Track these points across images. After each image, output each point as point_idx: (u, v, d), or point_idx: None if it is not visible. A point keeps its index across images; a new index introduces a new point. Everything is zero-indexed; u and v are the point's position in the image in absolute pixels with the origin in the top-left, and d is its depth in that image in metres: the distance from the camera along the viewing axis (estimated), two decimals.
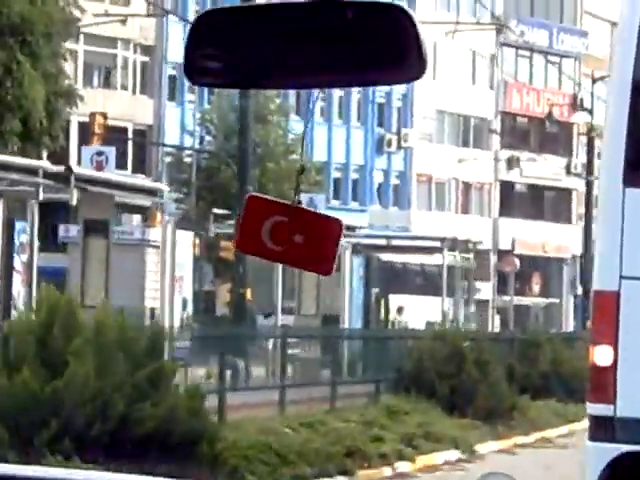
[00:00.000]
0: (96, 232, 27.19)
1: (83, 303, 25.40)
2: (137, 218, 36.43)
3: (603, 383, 8.11)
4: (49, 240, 35.80)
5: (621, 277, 8.07)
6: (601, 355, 8.17)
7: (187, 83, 45.67)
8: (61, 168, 25.78)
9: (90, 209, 26.62)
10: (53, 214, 32.94)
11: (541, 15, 62.07)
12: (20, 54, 33.52)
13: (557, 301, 56.49)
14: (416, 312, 46.29)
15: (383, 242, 46.57)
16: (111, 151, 32.39)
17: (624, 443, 7.24)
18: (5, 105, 33.57)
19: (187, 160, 47.18)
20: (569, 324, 49.91)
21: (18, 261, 28.07)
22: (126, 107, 44.94)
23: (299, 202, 2.47)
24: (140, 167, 48.36)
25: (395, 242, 47.69)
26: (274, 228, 2.26)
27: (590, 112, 52.07)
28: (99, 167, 31.30)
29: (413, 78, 1.89)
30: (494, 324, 51.56)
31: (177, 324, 30.85)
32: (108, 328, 22.21)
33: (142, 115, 47.01)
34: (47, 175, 25.00)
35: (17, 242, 27.92)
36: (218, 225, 40.32)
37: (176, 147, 47.89)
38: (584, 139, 54.03)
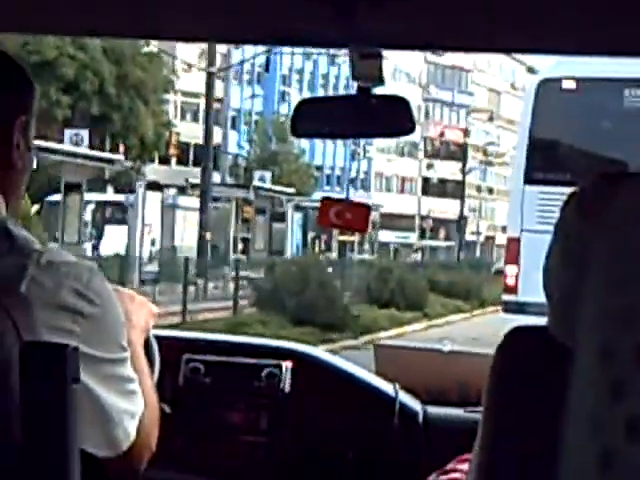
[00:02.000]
0: (73, 191, 24.17)
1: (63, 241, 23.07)
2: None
3: (512, 283, 9.16)
4: None
5: (521, 230, 9.02)
6: (510, 270, 9.24)
7: (242, 120, 45.63)
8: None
9: (69, 175, 23.91)
10: None
11: (447, 82, 64.45)
12: (137, 99, 33.88)
13: (453, 243, 57.07)
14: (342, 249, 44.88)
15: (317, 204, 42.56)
16: (85, 132, 27.37)
17: (522, 314, 8.28)
18: (130, 131, 34.28)
19: (242, 163, 47.45)
20: (457, 256, 48.34)
21: None
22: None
23: (348, 199, 2.57)
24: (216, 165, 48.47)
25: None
26: (336, 211, 2.18)
27: (466, 133, 54.41)
28: (76, 143, 26.71)
29: (407, 133, 1.96)
30: (415, 258, 50.95)
31: (146, 255, 26.78)
32: None
33: (215, 137, 47.31)
34: None
35: None
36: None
37: (231, 154, 48.31)
38: (469, 152, 55.08)
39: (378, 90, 1.84)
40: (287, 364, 2.15)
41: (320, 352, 2.33)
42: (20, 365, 1.29)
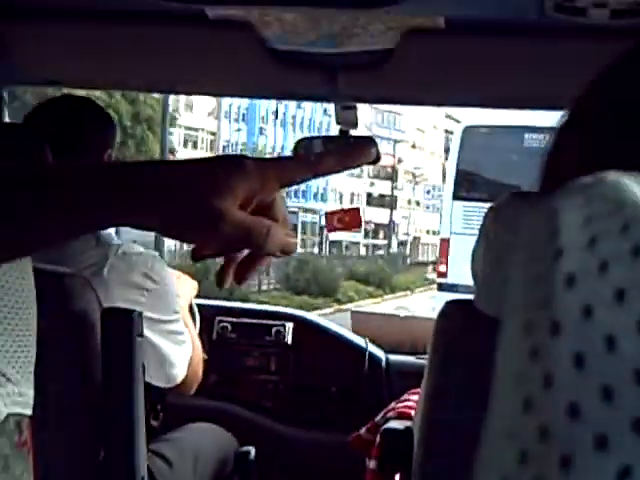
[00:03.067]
0: None
1: None
2: None
3: (443, 270, 9.38)
4: None
5: (450, 232, 9.26)
6: (442, 264, 9.51)
7: (231, 149, 45.47)
8: None
9: None
10: None
11: (385, 123, 64.53)
12: (147, 131, 33.26)
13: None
14: None
15: None
16: None
17: (449, 292, 8.19)
18: (142, 155, 33.54)
19: None
20: (387, 250, 47.15)
21: None
22: None
23: (344, 208, 2.34)
24: None
25: None
26: (338, 218, 2.16)
27: (399, 160, 54.07)
28: None
29: (375, 163, 1.95)
30: (361, 253, 49.75)
31: None
32: None
33: None
34: None
35: None
36: None
37: None
38: (399, 173, 54.58)
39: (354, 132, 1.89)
40: (289, 325, 2.25)
41: (313, 316, 2.43)
42: (101, 324, 1.35)
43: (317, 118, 46.74)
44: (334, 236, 51.08)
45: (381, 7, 1.29)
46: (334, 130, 1.93)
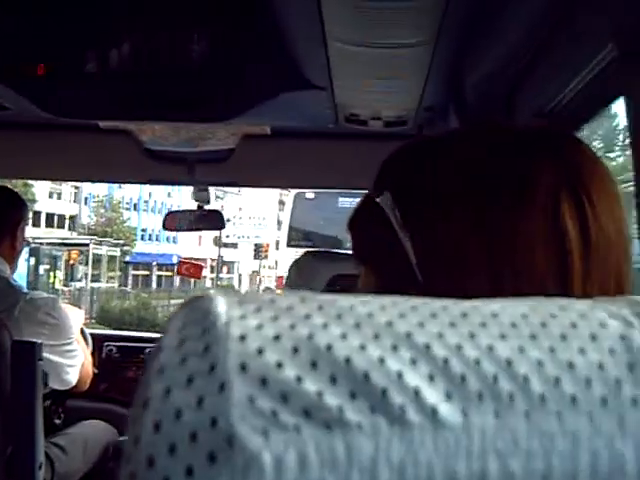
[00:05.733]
0: None
1: None
2: None
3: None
4: None
5: (285, 271, 8.78)
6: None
7: (91, 200, 42.89)
8: None
9: None
10: None
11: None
12: (8, 183, 29.67)
13: (232, 276, 55.57)
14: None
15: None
16: None
17: None
18: None
19: (92, 226, 45.31)
20: (216, 283, 40.39)
21: None
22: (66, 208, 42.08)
23: (192, 261, 2.36)
24: (72, 227, 46.08)
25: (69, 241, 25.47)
26: (186, 267, 2.15)
27: (240, 209, 53.43)
28: None
29: (221, 228, 1.99)
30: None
31: None
32: None
33: (74, 210, 43.95)
34: None
35: None
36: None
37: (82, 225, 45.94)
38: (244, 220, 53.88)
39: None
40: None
41: None
42: (11, 353, 1.52)
43: (159, 200, 45.66)
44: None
45: (213, 122, 1.58)
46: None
